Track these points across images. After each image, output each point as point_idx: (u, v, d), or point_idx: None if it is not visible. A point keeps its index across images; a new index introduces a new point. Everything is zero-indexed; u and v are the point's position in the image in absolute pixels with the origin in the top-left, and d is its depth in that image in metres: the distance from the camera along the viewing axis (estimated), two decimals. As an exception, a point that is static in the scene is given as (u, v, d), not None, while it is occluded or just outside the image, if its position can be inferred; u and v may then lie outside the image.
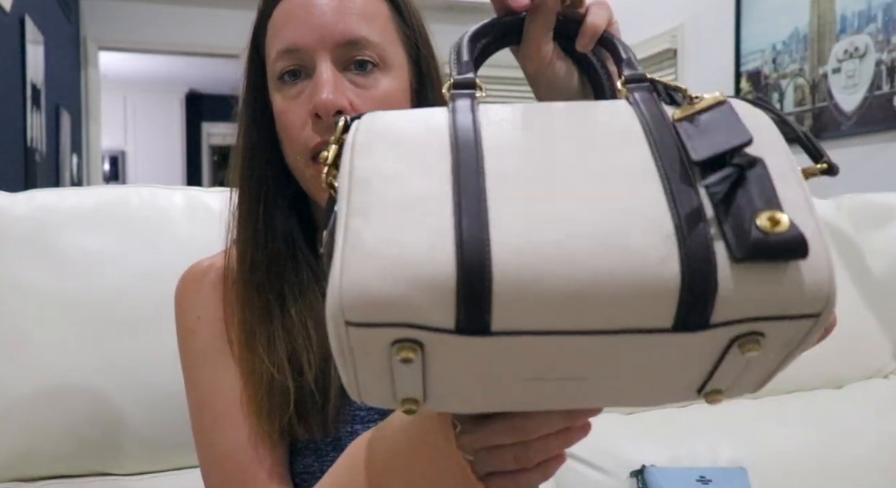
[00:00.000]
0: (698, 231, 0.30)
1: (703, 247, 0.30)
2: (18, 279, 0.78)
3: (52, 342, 0.77)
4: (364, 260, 0.30)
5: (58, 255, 0.79)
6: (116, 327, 0.79)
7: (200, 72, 6.15)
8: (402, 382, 0.34)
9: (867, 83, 2.52)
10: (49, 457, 0.76)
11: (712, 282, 0.30)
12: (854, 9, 2.57)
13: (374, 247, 0.31)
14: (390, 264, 0.30)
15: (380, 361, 0.32)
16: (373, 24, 0.58)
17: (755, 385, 0.36)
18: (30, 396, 0.75)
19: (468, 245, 0.30)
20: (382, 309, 0.30)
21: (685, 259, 0.30)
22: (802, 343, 0.32)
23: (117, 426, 0.77)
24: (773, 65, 2.96)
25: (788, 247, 0.29)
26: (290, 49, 0.57)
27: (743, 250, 0.29)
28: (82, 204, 0.83)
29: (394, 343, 0.31)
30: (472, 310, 0.30)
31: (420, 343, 0.31)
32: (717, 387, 0.35)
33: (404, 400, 0.35)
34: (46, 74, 3.04)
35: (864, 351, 1.21)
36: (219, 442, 0.58)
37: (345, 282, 0.30)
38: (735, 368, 0.33)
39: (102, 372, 0.77)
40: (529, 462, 0.42)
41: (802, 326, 0.31)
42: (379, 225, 0.31)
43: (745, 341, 0.31)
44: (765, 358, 0.33)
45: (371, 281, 0.30)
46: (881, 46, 2.46)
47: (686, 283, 0.30)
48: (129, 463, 0.79)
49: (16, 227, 0.79)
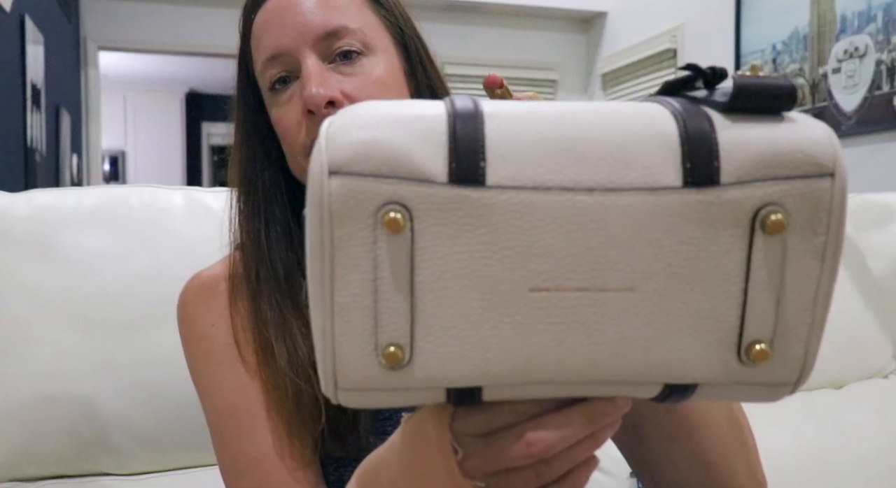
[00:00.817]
0: (690, 102, 0.31)
1: (694, 106, 0.31)
2: (18, 279, 0.78)
3: (52, 342, 0.77)
4: (352, 119, 0.29)
5: (58, 255, 0.79)
6: (116, 327, 0.79)
7: (200, 72, 6.15)
8: (387, 305, 0.29)
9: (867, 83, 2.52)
10: (48, 457, 0.76)
11: (710, 128, 0.29)
12: (854, 9, 2.56)
13: (363, 111, 0.30)
14: (380, 115, 0.29)
15: (362, 250, 0.29)
16: (349, 12, 0.58)
17: (804, 325, 0.30)
18: (29, 396, 0.75)
19: (460, 102, 0.30)
20: (370, 152, 0.28)
21: (679, 113, 0.30)
22: (833, 231, 0.29)
23: (117, 426, 0.77)
24: (773, 65, 2.96)
25: (773, 90, 0.29)
26: (273, 55, 0.57)
27: (728, 95, 0.30)
28: (82, 204, 0.83)
29: (380, 208, 0.28)
30: (465, 153, 0.28)
31: (408, 208, 0.28)
32: (757, 337, 0.30)
33: (388, 352, 0.29)
34: (46, 74, 3.04)
35: (865, 351, 1.21)
36: (247, 448, 0.55)
37: (331, 131, 0.29)
38: (771, 276, 0.30)
39: (102, 372, 0.77)
40: (554, 474, 0.35)
41: (821, 192, 0.29)
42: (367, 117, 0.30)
43: (766, 214, 0.29)
44: (800, 259, 0.29)
45: (359, 126, 0.29)
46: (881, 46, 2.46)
47: (685, 134, 0.29)
48: (128, 463, 0.79)
49: (16, 227, 0.79)
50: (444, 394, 0.32)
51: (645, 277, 0.29)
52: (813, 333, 0.31)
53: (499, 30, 4.44)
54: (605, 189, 0.29)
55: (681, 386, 0.32)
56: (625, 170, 0.29)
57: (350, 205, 0.28)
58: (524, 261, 0.29)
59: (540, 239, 0.29)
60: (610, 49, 4.31)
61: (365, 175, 0.28)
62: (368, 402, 0.32)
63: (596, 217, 0.29)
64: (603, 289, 0.29)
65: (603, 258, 0.29)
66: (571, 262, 0.29)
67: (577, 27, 4.61)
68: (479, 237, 0.29)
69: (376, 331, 0.29)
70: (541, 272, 0.29)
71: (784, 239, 0.29)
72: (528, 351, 0.30)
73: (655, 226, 0.29)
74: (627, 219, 0.29)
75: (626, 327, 0.30)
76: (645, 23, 3.87)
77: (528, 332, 0.30)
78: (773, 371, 0.31)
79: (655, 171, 0.29)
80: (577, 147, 0.29)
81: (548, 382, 0.31)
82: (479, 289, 0.29)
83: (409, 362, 0.30)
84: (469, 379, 0.30)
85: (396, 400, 0.32)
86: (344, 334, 0.29)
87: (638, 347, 0.30)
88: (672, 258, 0.29)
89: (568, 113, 0.30)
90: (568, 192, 0.28)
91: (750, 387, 0.32)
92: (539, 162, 0.29)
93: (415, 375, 0.30)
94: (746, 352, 0.30)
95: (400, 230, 0.28)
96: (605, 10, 4.31)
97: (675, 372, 0.31)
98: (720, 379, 0.31)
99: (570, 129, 0.29)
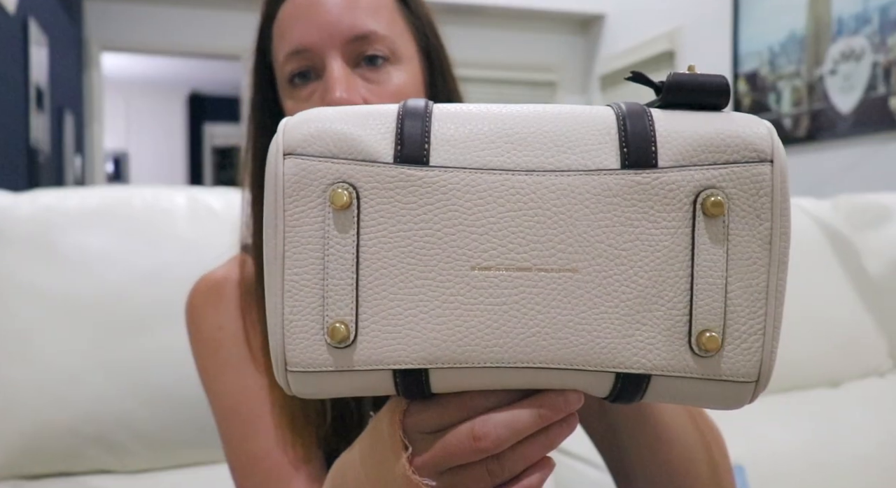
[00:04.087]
0: (635, 103, 0.33)
1: (638, 105, 0.32)
2: (21, 279, 0.78)
3: (55, 341, 0.77)
4: (309, 114, 0.32)
5: (61, 255, 0.80)
6: (119, 326, 0.79)
7: (202, 73, 6.16)
8: (333, 282, 0.30)
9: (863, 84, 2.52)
10: (51, 455, 0.77)
11: (648, 118, 0.31)
12: (850, 11, 2.57)
13: (322, 110, 0.32)
14: (337, 111, 0.32)
15: (312, 228, 0.30)
16: (380, 17, 0.57)
17: (756, 317, 0.30)
18: (32, 394, 0.76)
19: (412, 102, 0.32)
20: (322, 135, 0.30)
21: (620, 108, 0.32)
22: (778, 218, 0.30)
23: (119, 424, 0.78)
24: (770, 67, 2.97)
25: (706, 85, 0.31)
26: (299, 50, 0.56)
27: (662, 89, 0.32)
28: (85, 204, 0.83)
29: (329, 186, 0.30)
30: (411, 137, 0.30)
31: (355, 186, 0.30)
32: (707, 325, 0.30)
33: (333, 328, 0.30)
34: (50, 76, 3.05)
35: (861, 349, 1.22)
36: (252, 447, 0.56)
37: (290, 123, 0.31)
38: (716, 261, 0.30)
39: (104, 371, 0.78)
40: (506, 473, 0.34)
41: (760, 176, 0.30)
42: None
43: (706, 197, 0.30)
44: (746, 244, 0.30)
45: (315, 119, 0.31)
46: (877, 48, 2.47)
47: (623, 123, 0.31)
48: (130, 460, 0.79)
49: (19, 227, 0.80)
50: (391, 380, 0.31)
51: (587, 258, 0.30)
52: (769, 326, 0.30)
53: (498, 32, 4.45)
54: (544, 170, 0.30)
55: (633, 380, 0.31)
56: (564, 153, 0.30)
57: (301, 183, 0.30)
58: (466, 239, 0.30)
59: (481, 217, 0.30)
60: (608, 51, 4.31)
61: (316, 156, 0.30)
62: (318, 388, 0.32)
63: (536, 196, 0.30)
64: (544, 270, 0.30)
65: (544, 238, 0.30)
66: (512, 241, 0.30)
67: (575, 29, 4.61)
68: (423, 215, 0.30)
69: (324, 309, 0.30)
70: (482, 251, 0.30)
71: (725, 222, 0.30)
72: (471, 331, 0.30)
73: (595, 206, 0.30)
74: (567, 199, 0.30)
75: (569, 309, 0.30)
76: (643, 25, 3.88)
77: (471, 312, 0.30)
78: (728, 364, 0.30)
79: (594, 154, 0.30)
80: (520, 135, 0.31)
81: (493, 367, 0.31)
82: (422, 267, 0.30)
83: (354, 340, 0.30)
84: (413, 360, 0.30)
85: (346, 386, 0.32)
86: (293, 312, 0.30)
87: (583, 331, 0.30)
88: (613, 239, 0.30)
89: (516, 109, 0.32)
90: (508, 173, 0.30)
91: (706, 385, 0.31)
92: (482, 146, 0.30)
93: (360, 354, 0.30)
94: (697, 340, 0.30)
95: (347, 207, 0.30)
96: (604, 13, 4.31)
97: (623, 359, 0.30)
98: (672, 369, 0.30)
99: (515, 122, 0.31)
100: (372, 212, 0.30)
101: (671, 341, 0.30)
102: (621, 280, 0.30)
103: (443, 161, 0.30)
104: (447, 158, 0.30)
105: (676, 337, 0.30)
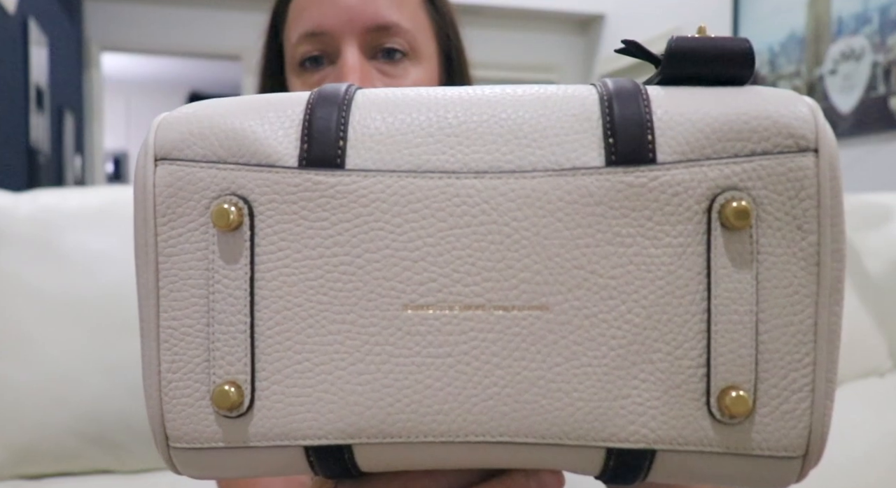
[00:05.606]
0: (628, 81, 0.24)
1: (631, 82, 0.24)
2: (22, 279, 0.78)
3: (55, 341, 0.77)
4: (189, 108, 0.24)
5: (61, 255, 0.80)
6: (119, 326, 0.79)
7: (202, 73, 6.16)
8: (222, 329, 0.22)
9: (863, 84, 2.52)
10: (51, 455, 0.77)
11: (642, 98, 0.22)
12: (850, 11, 2.57)
13: (207, 101, 0.25)
14: (226, 101, 0.24)
15: (193, 257, 0.22)
16: (404, 9, 0.54)
17: (802, 366, 0.21)
18: (33, 395, 0.76)
19: (329, 88, 0.24)
20: (205, 132, 0.23)
21: (606, 88, 0.23)
22: (828, 228, 0.21)
23: (120, 424, 0.78)
24: (770, 67, 2.97)
25: (720, 50, 0.22)
26: (315, 32, 0.53)
27: (662, 60, 0.23)
28: (85, 204, 0.84)
29: (213, 201, 0.22)
30: (321, 131, 0.22)
31: (247, 200, 0.22)
32: (732, 380, 0.21)
33: (220, 391, 0.22)
34: (50, 76, 3.05)
35: (861, 350, 1.22)
36: None
37: (165, 120, 0.24)
38: (742, 291, 0.21)
39: (105, 371, 0.78)
40: None
41: (801, 172, 0.21)
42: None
43: (725, 202, 0.21)
44: (783, 266, 0.21)
45: (198, 112, 0.24)
46: (877, 48, 2.47)
47: (608, 106, 0.22)
48: (131, 460, 0.79)
49: (19, 228, 0.80)
50: (303, 459, 0.23)
51: (561, 291, 0.21)
52: (819, 379, 0.21)
53: (497, 32, 4.45)
54: (500, 171, 0.21)
55: (630, 456, 0.22)
56: (528, 148, 0.22)
57: (178, 197, 0.22)
58: (396, 268, 0.22)
59: (416, 238, 0.22)
60: (608, 51, 4.32)
61: (197, 160, 0.22)
62: (211, 469, 0.23)
63: (489, 207, 0.21)
64: (503, 308, 0.21)
65: (501, 264, 0.21)
66: (458, 270, 0.21)
67: (575, 29, 4.62)
68: (337, 237, 0.22)
69: (209, 365, 0.22)
70: (418, 283, 0.22)
71: (753, 236, 0.21)
72: (405, 393, 0.22)
73: (571, 219, 0.21)
74: (532, 210, 0.21)
75: (538, 362, 0.21)
76: (643, 25, 3.88)
77: (404, 367, 0.22)
78: (763, 434, 0.21)
79: (569, 148, 0.22)
80: (467, 125, 0.22)
81: (437, 442, 0.22)
82: (337, 308, 0.22)
83: (250, 407, 0.22)
84: (329, 433, 0.22)
85: (245, 467, 0.23)
86: (172, 370, 0.23)
87: (558, 391, 0.21)
88: (597, 264, 0.21)
89: (464, 92, 0.23)
90: (451, 176, 0.21)
91: (733, 461, 0.22)
92: (416, 141, 0.22)
93: (257, 426, 0.22)
94: (719, 402, 0.21)
95: (236, 227, 0.22)
96: (604, 13, 4.32)
97: (615, 430, 0.21)
98: (684, 442, 0.21)
99: (461, 108, 0.23)
100: (270, 233, 0.22)
101: (681, 403, 0.21)
102: (608, 319, 0.21)
103: (363, 162, 0.22)
104: (369, 159, 0.22)
105: (688, 397, 0.21)
